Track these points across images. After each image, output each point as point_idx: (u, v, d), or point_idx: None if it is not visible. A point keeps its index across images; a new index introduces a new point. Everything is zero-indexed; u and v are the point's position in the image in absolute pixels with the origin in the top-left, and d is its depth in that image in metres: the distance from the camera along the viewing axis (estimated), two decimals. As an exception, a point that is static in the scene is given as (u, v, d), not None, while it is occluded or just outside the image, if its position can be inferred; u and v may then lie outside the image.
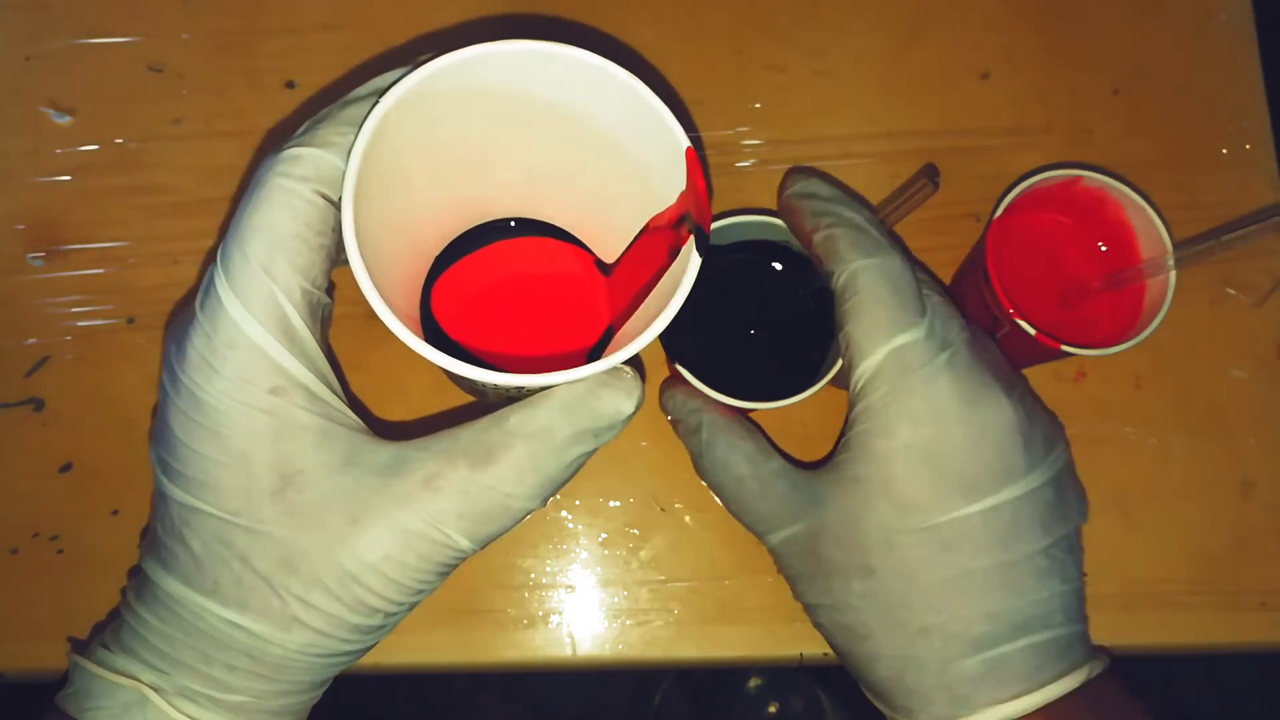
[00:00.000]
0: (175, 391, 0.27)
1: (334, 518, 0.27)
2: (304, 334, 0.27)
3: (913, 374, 0.31)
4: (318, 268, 0.28)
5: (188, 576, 0.28)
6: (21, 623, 0.40)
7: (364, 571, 0.27)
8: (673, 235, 0.30)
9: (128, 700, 0.28)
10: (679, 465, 0.42)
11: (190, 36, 0.45)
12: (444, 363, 0.26)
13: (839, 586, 0.32)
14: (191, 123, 0.45)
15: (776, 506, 0.34)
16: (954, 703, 0.31)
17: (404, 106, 0.27)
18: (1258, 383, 0.43)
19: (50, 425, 0.42)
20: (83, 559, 0.41)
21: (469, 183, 0.34)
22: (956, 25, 0.46)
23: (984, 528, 0.31)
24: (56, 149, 0.44)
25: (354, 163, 0.26)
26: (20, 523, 0.41)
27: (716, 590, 0.41)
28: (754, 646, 0.41)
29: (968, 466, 0.31)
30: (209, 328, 0.27)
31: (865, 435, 0.32)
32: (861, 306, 0.32)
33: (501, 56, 0.28)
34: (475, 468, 0.27)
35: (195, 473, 0.27)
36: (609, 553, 0.41)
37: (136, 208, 0.44)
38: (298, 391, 0.27)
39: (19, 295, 0.43)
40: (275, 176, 0.27)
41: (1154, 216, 0.37)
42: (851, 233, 0.34)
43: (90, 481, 0.41)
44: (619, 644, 0.41)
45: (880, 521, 0.31)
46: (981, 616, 0.31)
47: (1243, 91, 0.46)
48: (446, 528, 0.27)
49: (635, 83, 0.28)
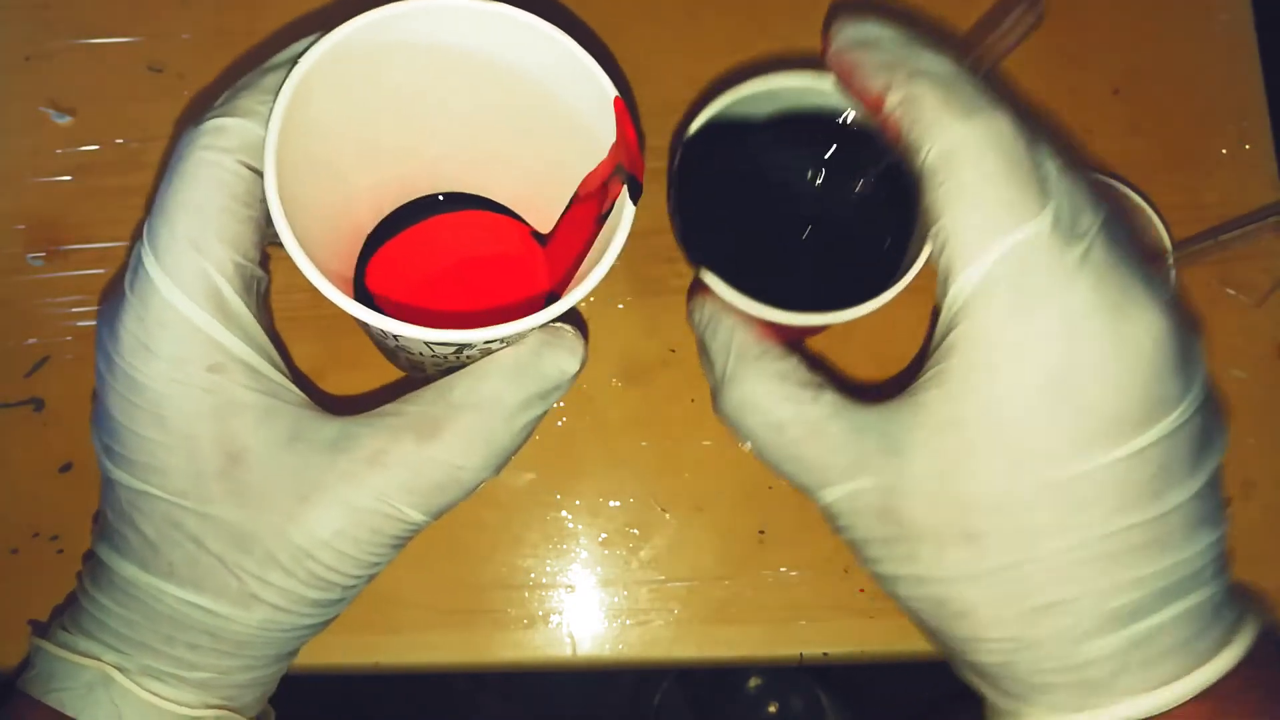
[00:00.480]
0: (112, 375, 0.27)
1: (282, 496, 0.26)
2: (239, 309, 0.27)
3: (1036, 281, 0.24)
4: (248, 240, 0.27)
5: (143, 560, 0.27)
6: (21, 622, 0.40)
7: (317, 548, 0.27)
8: (607, 191, 0.29)
9: (91, 680, 0.28)
10: (679, 465, 0.42)
11: (191, 37, 0.45)
12: (382, 323, 0.25)
13: (929, 555, 0.26)
14: (192, 123, 0.45)
15: (830, 454, 0.28)
16: (1084, 691, 0.25)
17: (323, 68, 0.27)
18: (1258, 383, 0.43)
19: (50, 425, 0.42)
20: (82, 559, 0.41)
21: (398, 151, 0.33)
22: (956, 25, 0.46)
23: (1127, 477, 0.24)
24: (57, 149, 0.44)
25: (274, 124, 0.26)
26: (20, 522, 0.41)
27: (716, 590, 0.41)
28: (754, 646, 0.41)
29: (1110, 401, 0.24)
30: (140, 308, 0.26)
31: (968, 366, 0.25)
32: (963, 191, 0.25)
33: (421, 13, 0.27)
34: (422, 441, 0.27)
35: (140, 456, 0.27)
36: (609, 553, 0.41)
37: (137, 208, 0.44)
38: (237, 368, 0.27)
39: (19, 295, 0.43)
40: (198, 150, 0.27)
41: (1154, 216, 0.37)
42: (939, 90, 0.26)
43: (90, 481, 0.41)
44: (619, 644, 0.41)
45: (990, 476, 0.25)
46: (1121, 585, 0.24)
47: (1243, 91, 0.46)
48: (397, 502, 0.27)
49: (559, 35, 0.28)
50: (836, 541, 0.41)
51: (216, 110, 0.27)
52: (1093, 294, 0.24)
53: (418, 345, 0.27)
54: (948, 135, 0.25)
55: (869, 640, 0.41)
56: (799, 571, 0.41)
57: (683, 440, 0.42)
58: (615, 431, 0.42)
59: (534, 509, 0.42)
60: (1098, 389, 0.24)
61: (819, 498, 0.29)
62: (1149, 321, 0.24)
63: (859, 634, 0.41)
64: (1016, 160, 0.25)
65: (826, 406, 0.28)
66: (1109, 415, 0.24)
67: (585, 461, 0.42)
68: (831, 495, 0.28)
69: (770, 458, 0.30)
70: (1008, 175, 0.25)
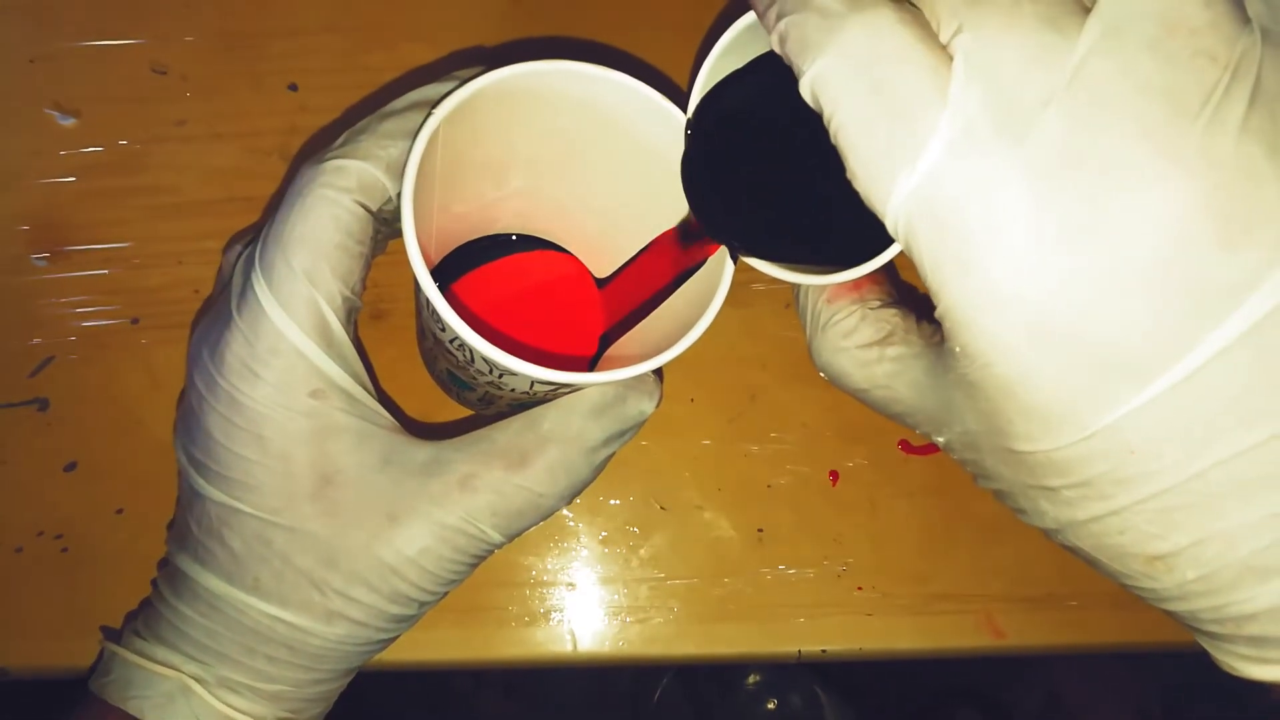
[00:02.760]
0: (213, 396, 0.28)
1: (372, 515, 0.28)
2: (342, 338, 0.28)
3: (967, 209, 0.20)
4: (356, 275, 0.29)
5: (228, 574, 0.28)
6: (26, 621, 0.40)
7: (402, 565, 0.28)
8: (682, 246, 0.30)
9: (170, 690, 0.29)
10: (679, 464, 0.42)
11: (194, 39, 0.46)
12: (501, 358, 0.26)
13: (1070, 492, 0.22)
14: (195, 124, 0.45)
15: (914, 409, 0.26)
16: None
17: (453, 117, 0.28)
18: (1252, 382, 0.43)
19: (55, 425, 0.42)
20: (87, 558, 0.41)
21: (479, 195, 0.35)
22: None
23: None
24: (61, 150, 0.44)
25: (411, 167, 0.27)
26: (25, 521, 0.41)
27: (716, 588, 0.41)
28: (753, 643, 0.41)
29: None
30: (250, 333, 0.27)
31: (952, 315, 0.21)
32: (842, 139, 0.21)
33: (540, 74, 0.28)
34: (511, 469, 0.28)
35: (235, 474, 0.28)
36: (609, 550, 0.42)
37: (140, 209, 0.44)
38: (336, 394, 0.28)
39: (23, 296, 0.43)
40: (319, 187, 0.28)
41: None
42: (801, 14, 0.21)
43: (95, 480, 0.42)
44: (619, 641, 0.41)
45: None
46: None
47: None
48: (482, 524, 0.28)
49: (665, 103, 0.29)
50: (835, 539, 0.42)
51: (336, 151, 0.29)
52: (1037, 202, 0.19)
53: (509, 383, 0.29)
54: (809, 74, 0.21)
55: (867, 638, 0.41)
56: (797, 569, 0.41)
57: (683, 440, 0.43)
58: (615, 431, 0.43)
59: (535, 507, 0.42)
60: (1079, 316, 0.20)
61: (944, 444, 0.26)
62: (1149, 200, 0.19)
63: (857, 631, 0.41)
64: (888, 80, 0.20)
65: (889, 366, 0.27)
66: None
67: (586, 460, 0.42)
68: (941, 440, 0.26)
69: (880, 412, 0.29)
70: (880, 105, 0.20)
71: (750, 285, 0.43)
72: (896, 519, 0.42)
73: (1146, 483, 0.20)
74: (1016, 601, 0.41)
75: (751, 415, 0.43)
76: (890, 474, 0.42)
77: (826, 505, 0.42)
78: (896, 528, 0.42)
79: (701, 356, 0.43)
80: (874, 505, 0.42)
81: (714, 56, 0.29)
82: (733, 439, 0.43)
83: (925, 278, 0.21)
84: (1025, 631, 0.41)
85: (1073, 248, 0.19)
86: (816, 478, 0.42)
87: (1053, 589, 0.42)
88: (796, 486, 0.42)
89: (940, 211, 0.20)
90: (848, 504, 0.42)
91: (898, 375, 0.27)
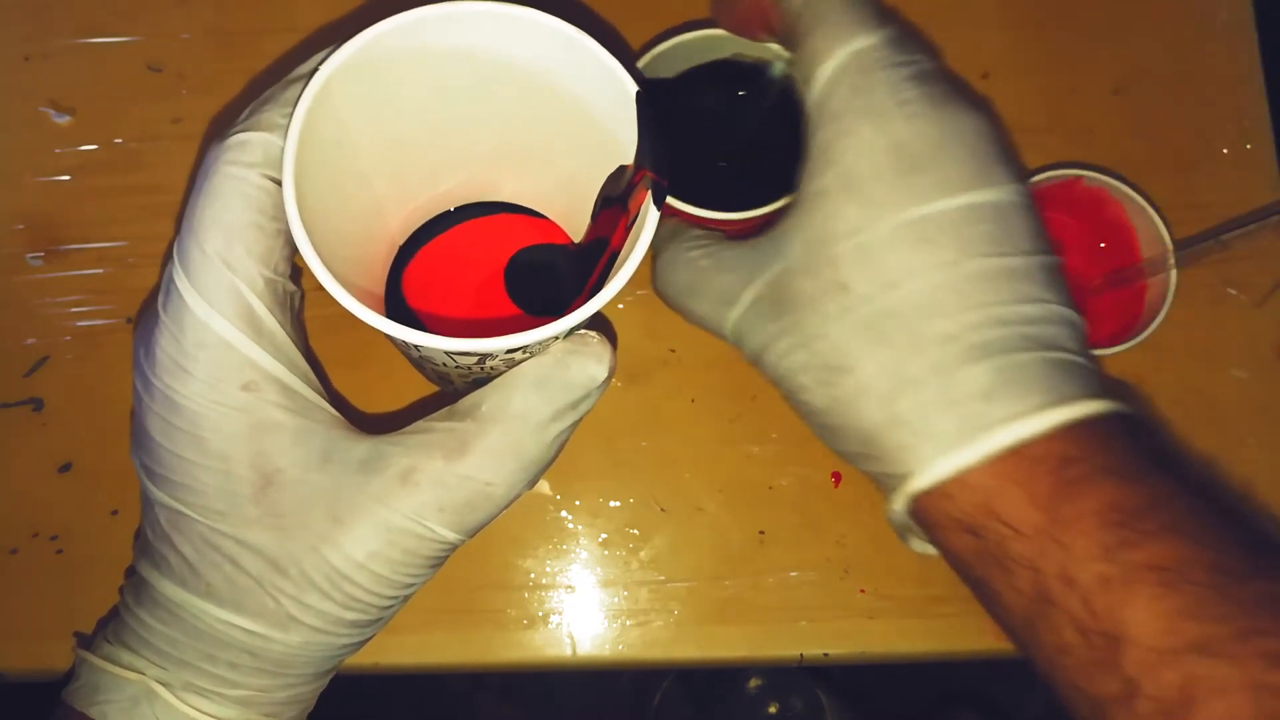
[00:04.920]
0: (149, 395, 0.27)
1: (317, 517, 0.26)
2: (271, 325, 0.27)
3: (875, 74, 0.28)
4: (278, 254, 0.27)
5: (182, 579, 0.28)
6: (21, 623, 0.40)
7: (353, 570, 0.27)
8: (633, 194, 0.29)
9: (135, 694, 0.28)
10: (679, 465, 0.42)
11: (190, 36, 0.45)
12: (396, 331, 0.25)
13: (810, 318, 0.28)
14: (191, 122, 0.44)
15: (734, 274, 0.31)
16: (964, 424, 0.25)
17: (343, 77, 0.27)
18: (1258, 383, 0.43)
19: (50, 425, 0.42)
20: (82, 559, 0.41)
21: (424, 162, 0.33)
22: (957, 25, 0.46)
23: (967, 223, 0.27)
24: (56, 149, 0.44)
25: (292, 136, 0.25)
26: (19, 523, 0.41)
27: (716, 590, 0.41)
28: (754, 646, 0.41)
29: (941, 163, 0.27)
30: (175, 328, 0.26)
31: (825, 144, 0.28)
32: (813, 14, 0.29)
33: (439, 19, 0.27)
34: (451, 459, 0.26)
35: (177, 476, 0.27)
36: (609, 553, 0.41)
37: (136, 207, 0.44)
38: (270, 386, 0.27)
39: (18, 295, 0.43)
40: (223, 165, 0.27)
41: (1154, 216, 0.37)
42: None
43: (90, 481, 0.41)
44: (619, 644, 0.41)
45: (849, 228, 0.27)
46: (983, 321, 0.26)
47: (1243, 91, 0.46)
48: (429, 522, 0.27)
49: (578, 34, 0.27)
50: (837, 541, 0.41)
51: (239, 125, 0.27)
52: (921, 89, 0.28)
53: (439, 355, 0.27)
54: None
55: (869, 641, 0.41)
56: (799, 572, 0.41)
57: (683, 440, 0.42)
58: (615, 431, 0.42)
59: (534, 509, 0.42)
60: (929, 154, 0.27)
61: (733, 327, 0.31)
62: (970, 116, 0.28)
63: (859, 634, 0.41)
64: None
65: (730, 245, 0.32)
66: (941, 173, 0.27)
67: (585, 461, 0.42)
68: (738, 312, 0.30)
69: (690, 303, 0.33)
70: (850, 3, 0.29)
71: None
72: (899, 521, 0.42)
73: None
74: (1020, 604, 0.41)
75: (752, 415, 0.42)
76: (893, 475, 0.42)
77: (829, 507, 0.42)
78: (899, 529, 0.42)
79: (701, 356, 0.43)
80: (876, 507, 0.42)
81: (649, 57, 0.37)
82: (734, 440, 0.42)
83: (824, 103, 0.29)
84: (1029, 634, 0.41)
85: None
86: (818, 479, 0.42)
87: (1057, 591, 0.41)
88: (798, 488, 0.42)
89: (862, 64, 0.29)
90: (850, 505, 0.42)
91: (735, 246, 0.31)
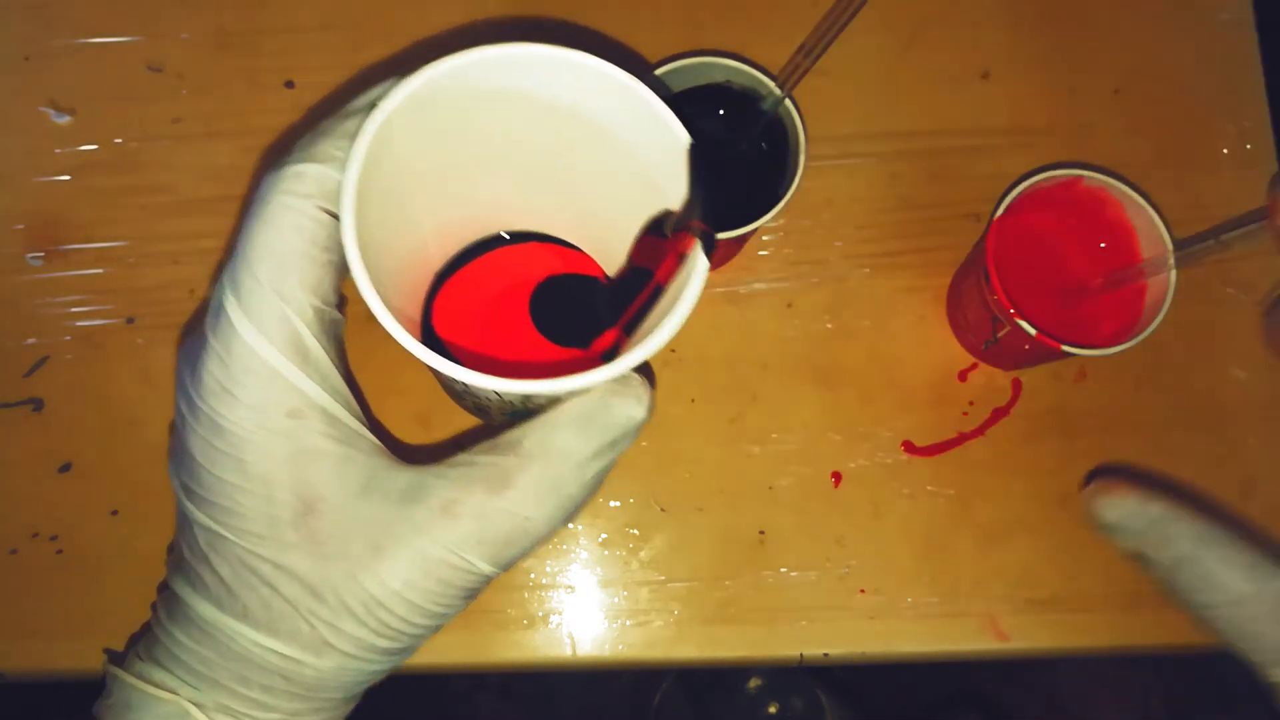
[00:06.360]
0: (194, 418, 0.27)
1: (356, 545, 0.27)
2: (318, 353, 0.27)
3: None
4: (328, 284, 0.28)
5: (219, 600, 0.28)
6: (21, 623, 0.40)
7: (388, 598, 0.27)
8: (675, 240, 0.29)
9: (168, 714, 0.28)
10: (679, 465, 0.42)
11: (190, 36, 0.45)
12: (451, 370, 0.25)
13: None
14: (191, 122, 0.44)
15: None
16: None
17: (402, 114, 0.27)
18: (1258, 383, 0.43)
19: (50, 425, 0.42)
20: (82, 559, 0.41)
21: (470, 196, 0.34)
22: (957, 25, 0.46)
23: None
24: (56, 149, 0.44)
25: (352, 170, 0.26)
26: (19, 523, 0.41)
27: (716, 590, 0.41)
28: (754, 647, 0.41)
29: None
30: (223, 352, 0.27)
31: None
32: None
33: (499, 61, 0.27)
34: (492, 493, 0.27)
35: (219, 499, 0.27)
36: (609, 553, 0.41)
37: (136, 207, 0.44)
38: (315, 414, 0.27)
39: (18, 295, 0.43)
40: (279, 195, 0.27)
41: (1154, 216, 0.37)
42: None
43: (89, 482, 0.41)
44: (619, 644, 0.41)
45: None
46: None
47: (1243, 91, 0.46)
48: (467, 554, 0.27)
49: (633, 82, 0.28)
50: (837, 541, 0.41)
51: (295, 156, 0.28)
52: None
53: (485, 392, 0.28)
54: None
55: (869, 641, 0.41)
56: (799, 572, 0.41)
57: (683, 440, 0.42)
58: (615, 432, 0.42)
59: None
60: None
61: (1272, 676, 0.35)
62: None
63: (859, 635, 0.41)
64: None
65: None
66: None
67: (585, 462, 0.42)
68: None
69: (1226, 633, 0.35)
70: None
71: (752, 285, 0.43)
72: (899, 521, 0.42)
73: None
74: (1019, 604, 0.41)
75: (752, 416, 0.42)
76: (893, 475, 0.42)
77: (828, 507, 0.42)
78: (899, 530, 0.42)
79: (701, 357, 0.43)
80: (876, 507, 0.42)
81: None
82: (733, 440, 0.42)
83: None
84: (1028, 634, 0.41)
85: None
86: (818, 479, 0.42)
87: (1055, 592, 0.41)
88: (798, 488, 0.42)
89: None
90: (850, 505, 0.42)
91: None
